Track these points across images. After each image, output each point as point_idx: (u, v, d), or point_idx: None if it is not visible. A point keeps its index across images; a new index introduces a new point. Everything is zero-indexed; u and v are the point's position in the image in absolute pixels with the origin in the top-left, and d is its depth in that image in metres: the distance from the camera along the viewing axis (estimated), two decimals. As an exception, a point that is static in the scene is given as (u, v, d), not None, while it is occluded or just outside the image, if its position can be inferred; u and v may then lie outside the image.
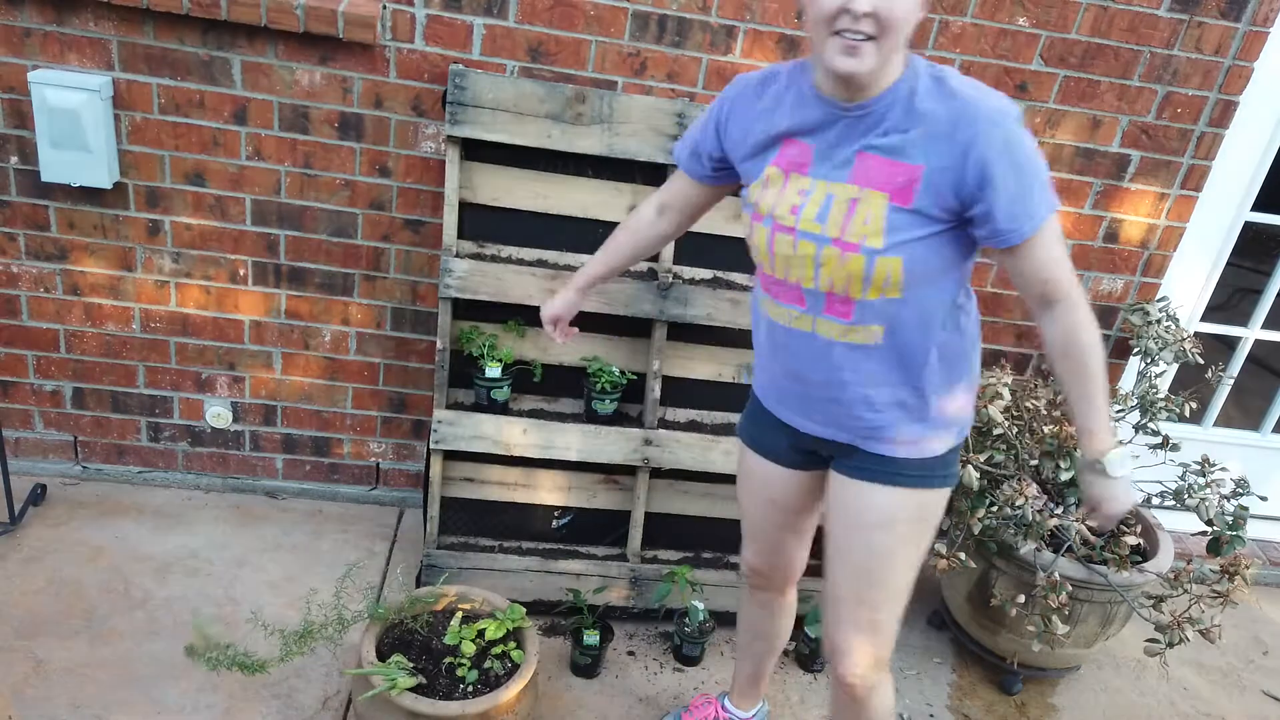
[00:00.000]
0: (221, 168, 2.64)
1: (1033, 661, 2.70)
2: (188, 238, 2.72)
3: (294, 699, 2.35)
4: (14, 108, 2.54)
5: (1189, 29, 2.66)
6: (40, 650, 2.38)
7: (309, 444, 3.04)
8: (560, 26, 2.53)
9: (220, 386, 2.93)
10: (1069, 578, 2.46)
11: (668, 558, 2.84)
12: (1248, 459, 3.47)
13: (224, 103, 2.56)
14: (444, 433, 2.61)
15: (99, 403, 2.93)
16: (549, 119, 2.50)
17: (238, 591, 2.67)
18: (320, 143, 2.63)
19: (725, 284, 2.72)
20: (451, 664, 2.14)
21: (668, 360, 2.74)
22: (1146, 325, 2.82)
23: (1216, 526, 2.45)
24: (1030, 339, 3.05)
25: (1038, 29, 2.63)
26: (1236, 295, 3.98)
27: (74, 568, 2.65)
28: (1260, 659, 3.13)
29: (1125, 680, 2.93)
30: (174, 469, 3.05)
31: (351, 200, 2.70)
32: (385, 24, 2.51)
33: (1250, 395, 3.71)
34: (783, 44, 2.60)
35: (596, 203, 2.63)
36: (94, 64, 2.50)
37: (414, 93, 2.58)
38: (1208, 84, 2.74)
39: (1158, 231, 2.93)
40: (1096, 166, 2.83)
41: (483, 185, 2.59)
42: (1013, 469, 2.57)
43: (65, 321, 2.80)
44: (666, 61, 2.60)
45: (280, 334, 2.86)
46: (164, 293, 2.78)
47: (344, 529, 2.99)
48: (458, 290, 2.55)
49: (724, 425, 2.83)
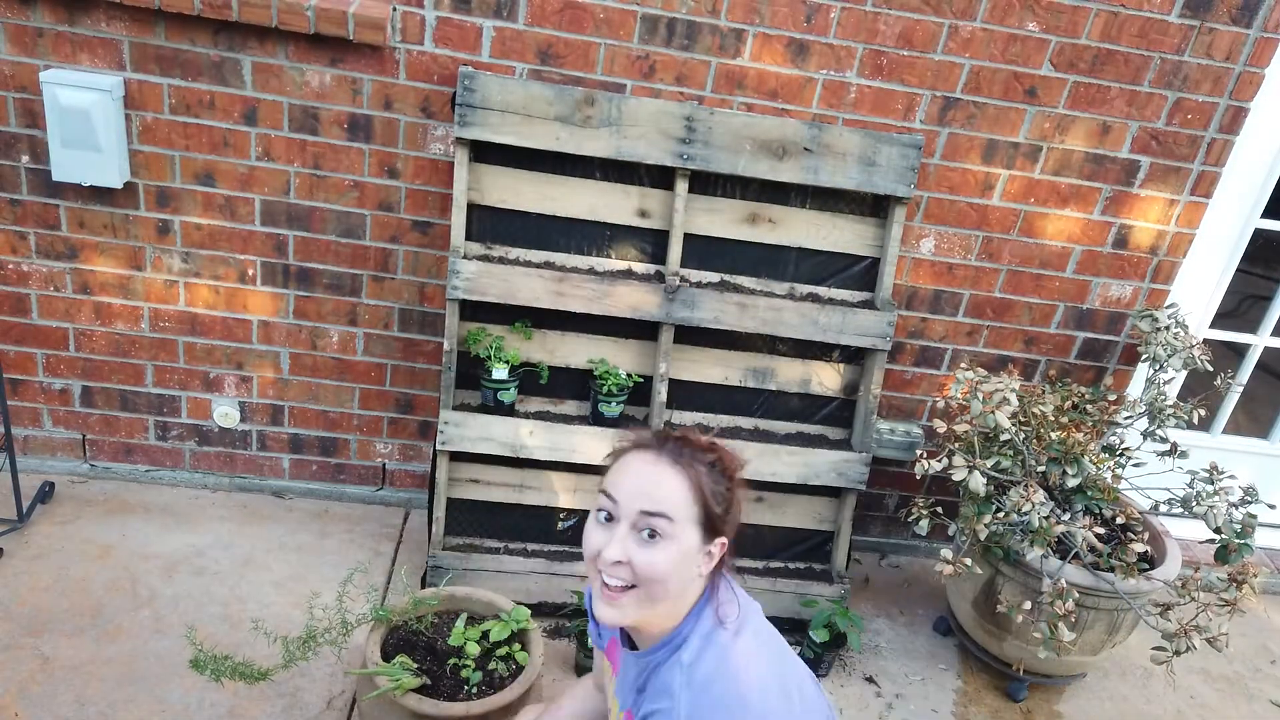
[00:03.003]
0: (231, 168, 2.65)
1: (1039, 668, 2.69)
2: (197, 237, 2.73)
3: (299, 698, 2.35)
4: (25, 107, 2.55)
5: (1199, 35, 2.65)
6: (46, 647, 2.39)
7: (316, 444, 3.05)
8: (569, 29, 2.54)
9: (228, 386, 2.94)
10: (1076, 584, 2.45)
11: (673, 561, 2.83)
12: (1256, 466, 3.46)
13: (234, 103, 2.57)
14: (450, 434, 2.61)
15: (107, 401, 2.94)
16: (558, 121, 2.51)
17: (243, 591, 2.67)
18: (329, 144, 2.63)
19: (732, 287, 2.72)
20: (456, 665, 2.14)
21: (674, 363, 2.74)
22: (1155, 331, 2.81)
23: (1224, 534, 2.43)
24: (1038, 345, 3.04)
25: (1047, 34, 2.63)
26: (1246, 302, 3.97)
27: (81, 565, 2.66)
28: (1268, 667, 3.11)
29: (1132, 688, 2.92)
30: (181, 468, 3.06)
31: (360, 201, 2.71)
32: (395, 26, 2.51)
33: (1259, 403, 3.70)
34: (791, 48, 2.60)
35: (604, 205, 2.64)
36: (105, 64, 2.51)
37: (423, 94, 2.59)
38: (1218, 90, 2.73)
39: (1167, 238, 2.92)
40: (1106, 172, 2.82)
41: (491, 187, 2.60)
42: (1020, 475, 2.56)
43: (75, 320, 2.82)
44: (675, 64, 2.60)
45: (288, 334, 2.87)
46: (173, 292, 2.80)
47: (350, 529, 3.00)
48: (465, 291, 2.55)
49: (731, 429, 2.83)
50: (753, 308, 2.65)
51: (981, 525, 2.47)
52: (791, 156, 2.60)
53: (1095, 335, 3.05)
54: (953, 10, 2.58)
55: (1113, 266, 2.95)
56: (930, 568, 3.17)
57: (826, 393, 2.85)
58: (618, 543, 1.31)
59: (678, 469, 1.34)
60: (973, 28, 2.61)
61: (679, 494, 1.33)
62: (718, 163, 2.57)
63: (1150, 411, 2.74)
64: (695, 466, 1.35)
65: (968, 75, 2.66)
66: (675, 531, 1.32)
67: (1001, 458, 2.57)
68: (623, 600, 1.32)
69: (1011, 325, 3.01)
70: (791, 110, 2.67)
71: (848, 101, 2.67)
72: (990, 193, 2.82)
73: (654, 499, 1.32)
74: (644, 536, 1.32)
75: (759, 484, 2.83)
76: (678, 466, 1.34)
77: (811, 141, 2.59)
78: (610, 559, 1.30)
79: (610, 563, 1.31)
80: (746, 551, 2.92)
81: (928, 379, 3.07)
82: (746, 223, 2.70)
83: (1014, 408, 2.47)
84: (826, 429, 2.89)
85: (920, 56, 2.63)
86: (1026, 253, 2.90)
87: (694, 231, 2.68)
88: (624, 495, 1.33)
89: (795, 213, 2.70)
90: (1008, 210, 2.84)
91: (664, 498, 1.32)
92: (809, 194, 2.70)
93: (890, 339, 2.72)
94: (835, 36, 2.59)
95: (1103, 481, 2.68)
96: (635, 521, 1.32)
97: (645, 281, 2.63)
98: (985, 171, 2.79)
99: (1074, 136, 2.76)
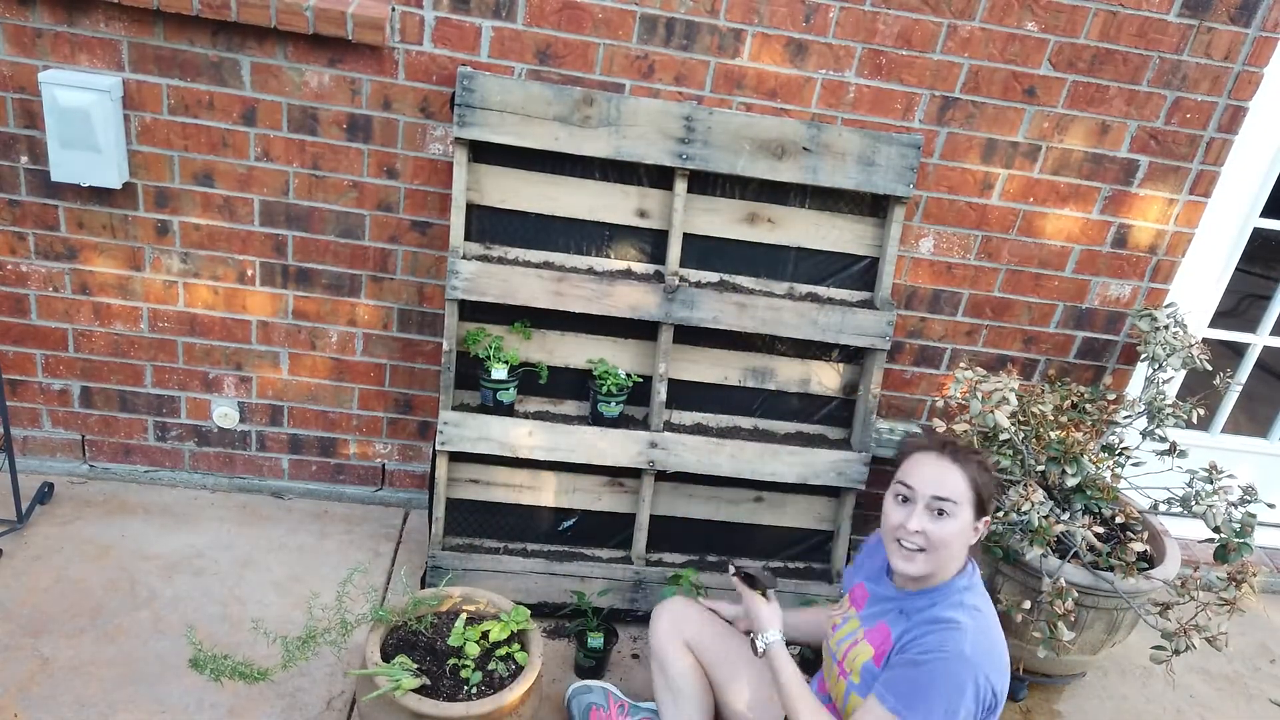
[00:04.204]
0: (230, 168, 2.65)
1: (1038, 668, 2.69)
2: (196, 238, 2.73)
3: (298, 699, 2.35)
4: (24, 108, 2.55)
5: (1198, 34, 2.65)
6: (46, 648, 2.39)
7: (315, 444, 3.05)
8: (568, 29, 2.54)
9: (227, 386, 2.94)
10: (1075, 584, 2.45)
11: (672, 560, 2.84)
12: (1256, 466, 3.46)
13: (233, 104, 2.57)
14: (450, 434, 2.61)
15: (107, 402, 2.94)
16: (557, 121, 2.51)
17: (243, 591, 2.67)
18: (328, 144, 2.63)
19: (732, 287, 2.72)
20: (456, 665, 2.14)
21: (674, 363, 2.74)
22: (1154, 331, 2.81)
23: (1224, 533, 2.43)
24: (1037, 344, 3.04)
25: (1046, 33, 2.63)
26: (1245, 301, 3.97)
27: (80, 566, 2.66)
28: (1267, 667, 3.11)
29: (1131, 687, 2.92)
30: (181, 468, 3.06)
31: (359, 201, 2.71)
32: (394, 26, 2.51)
33: (1258, 402, 3.70)
34: (790, 47, 2.60)
35: (603, 205, 2.64)
36: (104, 64, 2.51)
37: (422, 95, 2.59)
38: (1217, 89, 2.73)
39: (1166, 237, 2.92)
40: (1105, 171, 2.82)
41: (490, 187, 2.60)
42: (1019, 474, 2.56)
43: (74, 321, 2.82)
44: (674, 64, 2.60)
45: (287, 334, 2.87)
46: (172, 292, 2.79)
47: (349, 530, 3.00)
48: (464, 292, 2.55)
49: (730, 428, 2.83)
50: (752, 307, 2.65)
51: (981, 525, 2.47)
52: (790, 156, 2.60)
53: (1094, 335, 3.05)
54: (951, 10, 2.58)
55: (1112, 266, 2.95)
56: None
57: (826, 392, 2.85)
58: (916, 518, 1.82)
59: (957, 465, 1.82)
60: (971, 27, 2.61)
61: (961, 485, 1.81)
62: (717, 162, 2.57)
63: (1149, 411, 2.74)
64: (969, 464, 1.82)
65: (967, 75, 2.66)
66: (958, 511, 1.81)
67: (1001, 457, 2.57)
68: (917, 558, 1.83)
69: (1011, 325, 3.01)
70: (790, 110, 2.67)
71: (847, 101, 2.67)
72: (989, 192, 2.82)
73: (945, 486, 1.81)
74: (935, 514, 1.81)
75: (759, 484, 2.83)
76: (957, 464, 1.82)
77: (810, 141, 2.59)
78: (912, 529, 1.81)
79: (912, 532, 1.81)
80: (745, 551, 2.92)
81: (927, 378, 3.07)
82: (745, 222, 2.70)
83: (1013, 407, 2.47)
84: (826, 428, 2.89)
85: (919, 56, 2.63)
86: (1025, 252, 2.91)
87: (693, 231, 2.68)
88: (919, 484, 1.83)
89: (794, 212, 2.71)
90: (1007, 210, 2.84)
91: (952, 487, 1.81)
92: (808, 194, 2.70)
93: (889, 338, 2.72)
94: (834, 36, 2.59)
95: (1102, 481, 2.69)
96: (929, 504, 1.82)
97: (644, 281, 2.63)
98: (984, 171, 2.79)
99: (1073, 136, 2.76)
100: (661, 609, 2.26)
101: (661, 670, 2.23)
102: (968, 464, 1.83)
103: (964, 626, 1.77)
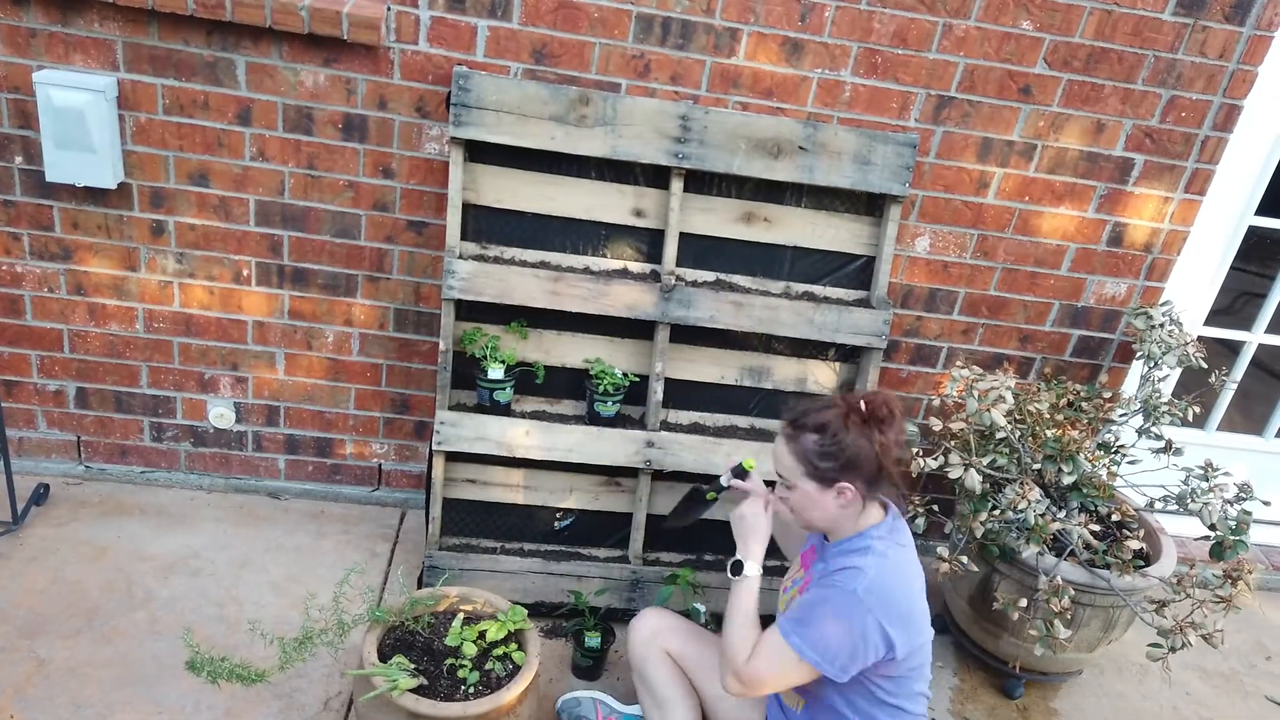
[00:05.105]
0: (225, 168, 2.64)
1: (1035, 666, 2.69)
2: (191, 238, 2.72)
3: (296, 699, 2.35)
4: (19, 108, 2.54)
5: (1193, 33, 2.66)
6: (42, 649, 2.38)
7: (311, 444, 3.05)
8: (564, 28, 2.54)
9: (223, 387, 2.93)
10: (1071, 582, 2.46)
11: (670, 560, 2.84)
12: (1251, 463, 3.47)
13: (228, 103, 2.57)
14: (446, 434, 2.61)
15: (102, 402, 2.93)
16: (553, 121, 2.51)
17: (240, 592, 2.67)
18: (324, 144, 2.63)
19: (728, 286, 2.72)
20: (453, 665, 2.14)
21: (670, 362, 2.74)
22: (1150, 329, 2.82)
23: (1219, 531, 2.44)
24: (1033, 343, 3.05)
25: (1041, 32, 2.63)
26: (1240, 299, 3.98)
27: (76, 567, 2.66)
28: (1263, 664, 3.12)
29: (1128, 685, 2.93)
30: (177, 469, 3.05)
31: (355, 201, 2.71)
32: (389, 25, 2.51)
33: (1254, 400, 3.71)
34: (786, 47, 2.60)
35: (599, 205, 2.64)
36: (99, 64, 2.50)
37: (418, 94, 2.59)
38: (1212, 88, 2.74)
39: (1161, 235, 2.93)
40: (1100, 170, 2.82)
41: (486, 187, 2.59)
42: (1015, 473, 2.56)
43: (69, 321, 2.81)
44: (670, 64, 2.60)
45: (283, 334, 2.87)
46: (167, 293, 2.79)
47: (346, 530, 2.99)
48: (461, 291, 2.55)
49: (726, 428, 2.83)
50: (748, 307, 2.65)
51: (977, 523, 2.47)
52: (787, 155, 2.60)
53: (1090, 333, 3.05)
54: (947, 9, 2.58)
55: (1107, 264, 2.96)
56: (926, 565, 3.17)
57: (823, 391, 2.86)
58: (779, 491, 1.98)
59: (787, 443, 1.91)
60: (967, 26, 2.61)
61: (788, 460, 1.90)
62: (713, 162, 2.57)
63: (1145, 409, 2.75)
64: (799, 438, 1.89)
65: (962, 74, 2.66)
66: (795, 483, 1.91)
67: (997, 455, 2.57)
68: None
69: (1007, 323, 3.02)
70: (786, 109, 2.67)
71: (843, 100, 2.67)
72: (985, 191, 2.82)
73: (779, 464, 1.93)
74: (785, 488, 1.95)
75: (755, 483, 2.83)
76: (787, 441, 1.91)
77: (806, 140, 2.59)
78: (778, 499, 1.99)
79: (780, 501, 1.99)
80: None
81: (923, 377, 3.08)
82: (742, 222, 2.70)
83: (1009, 405, 2.47)
84: (822, 427, 2.89)
85: (915, 55, 2.63)
86: (1021, 251, 2.91)
87: (689, 231, 2.68)
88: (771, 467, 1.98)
89: (791, 211, 2.71)
90: (1003, 208, 2.85)
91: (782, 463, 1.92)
92: (804, 193, 2.70)
93: (886, 337, 2.72)
94: (830, 35, 2.59)
95: (1098, 479, 2.69)
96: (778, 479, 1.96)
97: (641, 281, 2.63)
98: (980, 170, 2.79)
99: (1068, 135, 2.77)
100: (636, 623, 2.24)
101: (643, 681, 2.21)
102: (797, 438, 1.89)
103: (863, 570, 1.84)
